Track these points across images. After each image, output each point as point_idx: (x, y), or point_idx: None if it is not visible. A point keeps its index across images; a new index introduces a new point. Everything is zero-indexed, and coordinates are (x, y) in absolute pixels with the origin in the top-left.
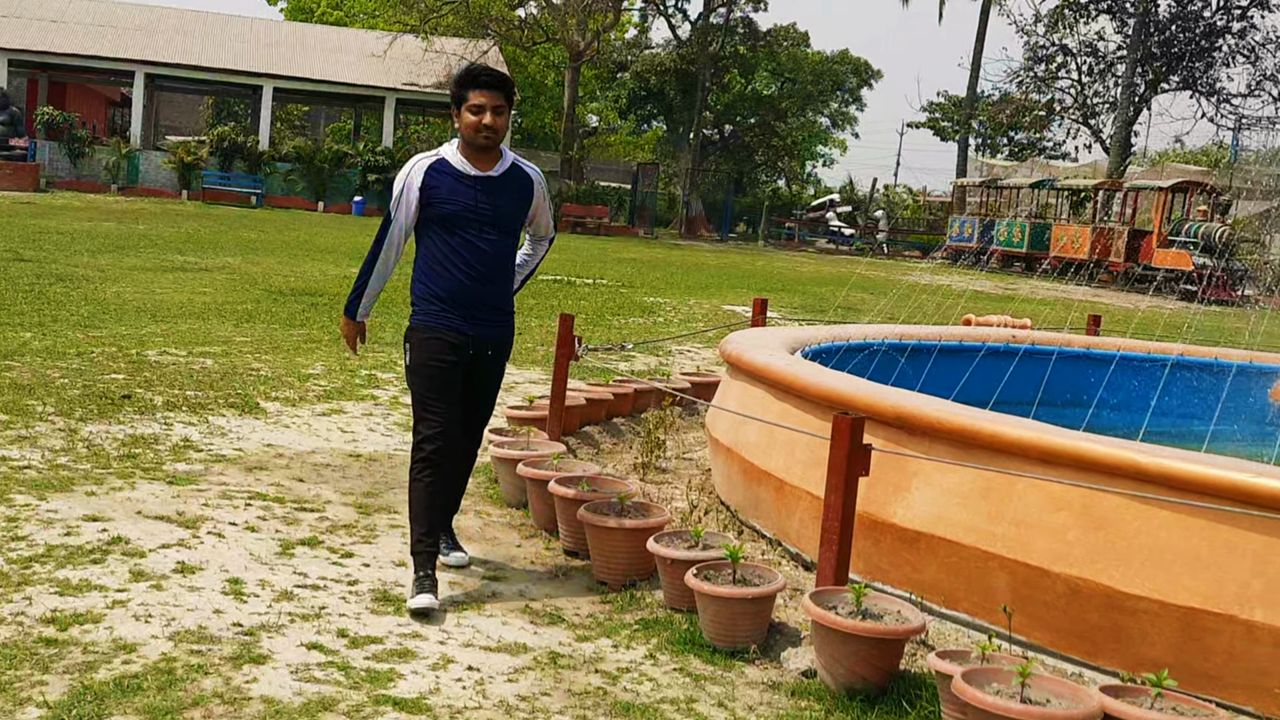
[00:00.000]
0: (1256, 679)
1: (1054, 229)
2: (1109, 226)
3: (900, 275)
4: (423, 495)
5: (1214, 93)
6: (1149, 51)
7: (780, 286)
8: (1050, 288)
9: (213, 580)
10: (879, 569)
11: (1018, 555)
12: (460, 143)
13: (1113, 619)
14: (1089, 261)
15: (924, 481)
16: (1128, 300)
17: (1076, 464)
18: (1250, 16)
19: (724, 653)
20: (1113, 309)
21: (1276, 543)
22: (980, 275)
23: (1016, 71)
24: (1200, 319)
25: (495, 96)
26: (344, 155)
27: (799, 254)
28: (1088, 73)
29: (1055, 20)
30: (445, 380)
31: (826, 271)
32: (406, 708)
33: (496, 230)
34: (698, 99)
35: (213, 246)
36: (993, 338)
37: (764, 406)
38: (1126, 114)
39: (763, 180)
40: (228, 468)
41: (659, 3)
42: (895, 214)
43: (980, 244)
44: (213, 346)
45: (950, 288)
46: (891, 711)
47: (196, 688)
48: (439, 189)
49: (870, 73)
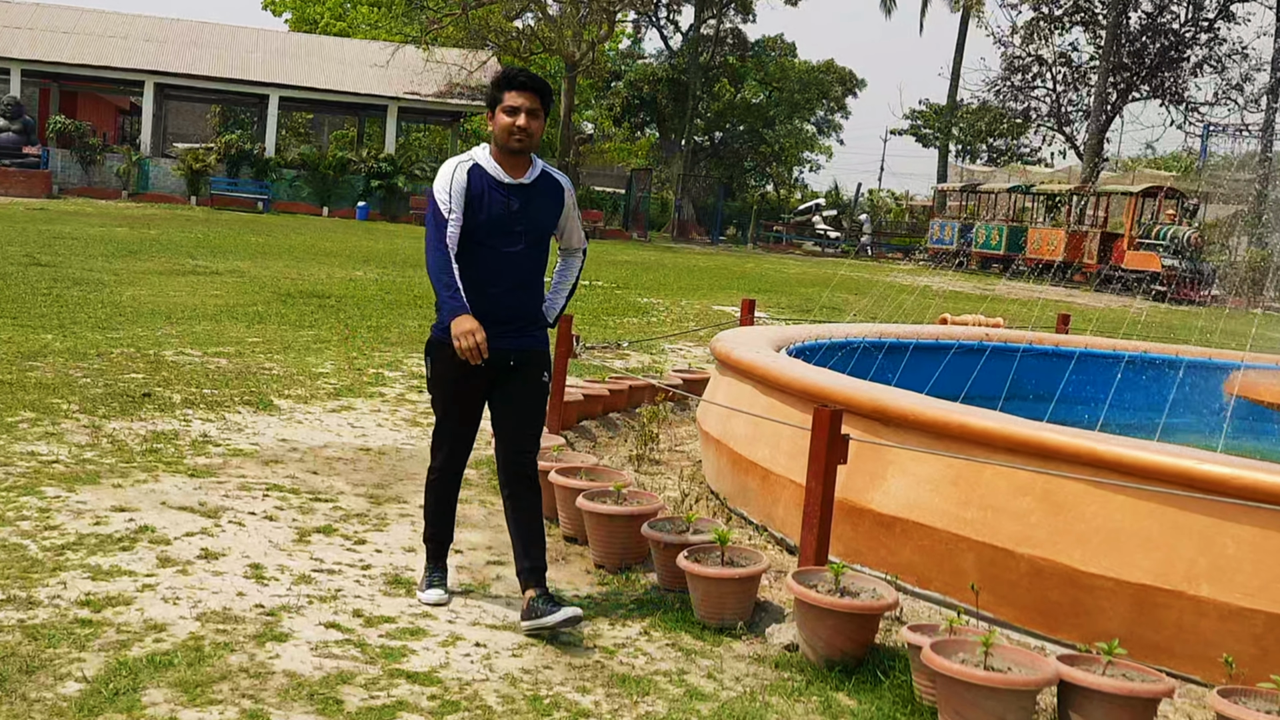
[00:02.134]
0: (1203, 650)
1: (1030, 232)
2: (1082, 230)
3: (882, 277)
4: (431, 501)
5: (1182, 101)
6: (1120, 62)
7: (768, 288)
8: (1026, 288)
9: (235, 565)
10: (858, 552)
11: (985, 538)
12: (492, 147)
13: (1072, 596)
14: (1063, 263)
15: (899, 470)
16: (1099, 300)
17: (1039, 452)
18: (1217, 28)
19: (713, 629)
20: (1085, 308)
21: (1221, 523)
22: (959, 276)
23: (994, 81)
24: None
25: (531, 99)
26: (348, 162)
27: (786, 256)
28: (1062, 82)
29: (1031, 32)
30: (461, 396)
31: (812, 273)
32: (419, 680)
33: (526, 240)
34: (689, 107)
35: (222, 250)
36: (967, 336)
37: (751, 401)
38: (1099, 121)
39: (751, 185)
40: (245, 461)
41: (651, 15)
42: (879, 218)
43: (960, 246)
44: (226, 347)
45: (930, 288)
46: (867, 681)
47: (224, 663)
48: (476, 194)
49: (855, 82)
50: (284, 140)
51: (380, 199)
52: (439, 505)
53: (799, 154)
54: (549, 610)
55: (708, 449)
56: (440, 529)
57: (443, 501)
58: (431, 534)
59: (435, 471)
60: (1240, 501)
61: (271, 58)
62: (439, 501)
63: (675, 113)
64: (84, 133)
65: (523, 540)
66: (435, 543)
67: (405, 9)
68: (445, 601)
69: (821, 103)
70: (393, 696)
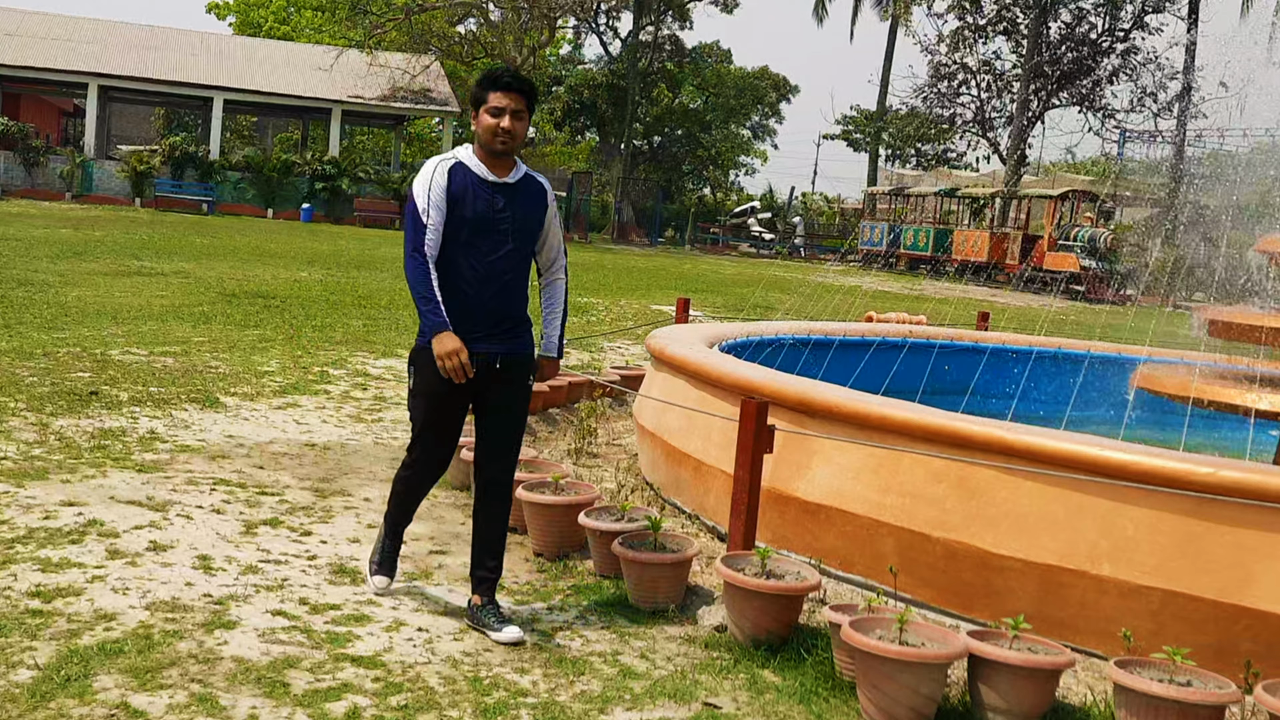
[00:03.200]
0: (1104, 625)
1: (955, 234)
2: (1005, 231)
3: (814, 277)
4: (398, 503)
5: (1100, 108)
6: (1041, 70)
7: (704, 288)
8: (952, 288)
9: (183, 557)
10: (785, 538)
11: (903, 523)
12: (476, 147)
13: (984, 576)
14: (987, 264)
15: (823, 459)
16: (1020, 299)
17: (953, 441)
18: (1132, 38)
19: (646, 612)
20: (1006, 307)
21: (1121, 506)
22: (888, 277)
23: (922, 88)
24: (1083, 316)
25: (517, 100)
26: (292, 164)
27: (723, 258)
28: (986, 89)
29: (956, 41)
30: (447, 407)
31: (747, 274)
32: (364, 664)
33: (513, 240)
34: (628, 112)
35: (168, 252)
36: (891, 333)
37: (684, 395)
38: (1021, 127)
39: (689, 188)
40: (192, 457)
41: (591, 21)
42: (811, 220)
43: (889, 248)
44: (172, 346)
45: (860, 288)
46: (791, 658)
47: (173, 650)
48: (459, 193)
49: (788, 88)
50: (228, 143)
51: (325, 201)
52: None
53: (735, 158)
54: (496, 625)
55: (643, 442)
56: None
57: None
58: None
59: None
60: (1138, 485)
61: (216, 60)
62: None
63: (615, 117)
64: (27, 134)
65: (485, 549)
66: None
67: (349, 14)
68: (388, 589)
69: (756, 108)
70: (338, 679)
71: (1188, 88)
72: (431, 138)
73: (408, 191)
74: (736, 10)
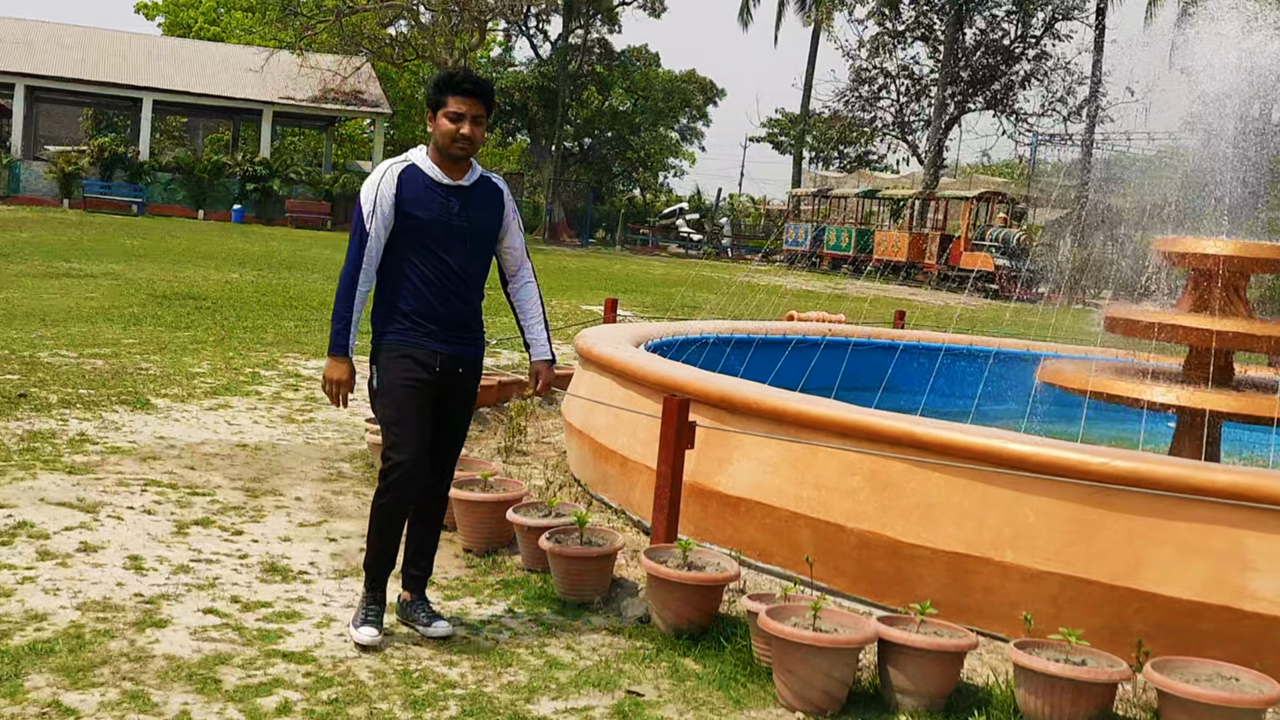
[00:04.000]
0: (1007, 609)
1: (876, 234)
2: (923, 232)
3: (740, 276)
4: (384, 524)
5: (1013, 112)
6: (957, 75)
7: (634, 287)
8: (873, 287)
9: (114, 557)
10: (707, 530)
11: (819, 514)
12: (431, 149)
13: (895, 565)
14: (906, 263)
15: (743, 454)
16: (937, 297)
17: (866, 436)
18: (1043, 45)
19: (573, 605)
20: (924, 305)
21: (1022, 496)
22: (812, 276)
23: (843, 92)
24: (997, 313)
25: (476, 105)
26: (223, 165)
27: (652, 258)
28: (905, 94)
29: (877, 47)
30: (418, 402)
31: (676, 274)
32: (294, 659)
33: (470, 242)
34: (559, 114)
35: (97, 253)
36: (810, 331)
37: (611, 393)
38: (939, 131)
39: (619, 189)
40: (123, 458)
41: (521, 24)
42: (738, 221)
43: (812, 248)
44: (102, 348)
45: (784, 287)
46: (712, 646)
47: (104, 649)
48: (412, 197)
49: (715, 91)
50: (158, 143)
51: (256, 202)
52: (391, 523)
53: (664, 160)
54: (426, 621)
55: (571, 439)
56: (388, 552)
57: (394, 520)
58: (375, 557)
59: (385, 491)
60: (1037, 475)
61: (145, 61)
62: (392, 520)
63: (545, 119)
64: None
65: (417, 550)
66: (379, 568)
67: (279, 15)
68: (377, 643)
69: (684, 111)
70: (269, 675)
71: (1095, 93)
72: (363, 139)
73: (356, 194)
74: (664, 15)
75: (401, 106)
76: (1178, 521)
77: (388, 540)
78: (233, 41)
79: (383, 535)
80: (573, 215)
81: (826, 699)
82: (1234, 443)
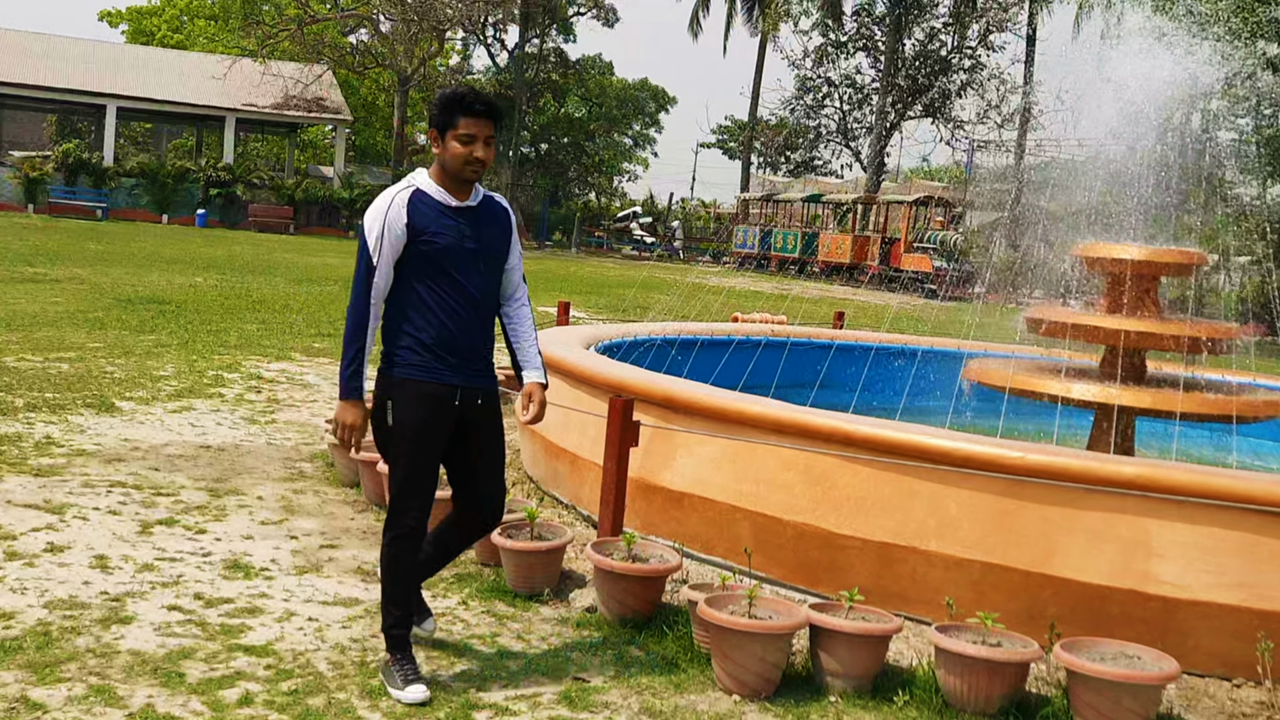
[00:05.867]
0: (932, 595)
1: (821, 237)
2: (866, 235)
3: (690, 278)
4: (400, 574)
5: (950, 120)
6: (897, 84)
7: (588, 289)
8: (818, 288)
9: (80, 557)
10: (652, 524)
11: (758, 508)
12: (436, 172)
13: (829, 555)
14: (850, 265)
15: (686, 451)
16: (879, 298)
17: (801, 433)
18: (978, 55)
19: (523, 597)
20: (866, 305)
21: (945, 488)
22: (761, 277)
23: (789, 100)
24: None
25: (488, 126)
26: (187, 171)
27: (606, 260)
28: (848, 102)
29: (821, 57)
30: (434, 445)
31: (629, 275)
32: (256, 652)
33: (484, 266)
34: (516, 120)
35: (62, 258)
36: (754, 332)
37: (561, 393)
38: (880, 137)
39: (575, 194)
40: (89, 460)
41: (479, 34)
42: (690, 224)
43: (760, 250)
44: (67, 352)
45: (734, 289)
46: (655, 634)
47: (71, 645)
48: (423, 224)
49: (667, 99)
50: (122, 149)
51: (220, 207)
52: (409, 582)
53: (618, 165)
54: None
55: (524, 438)
56: (408, 611)
57: (411, 577)
58: (399, 618)
59: (404, 538)
60: (959, 469)
61: (109, 69)
62: (409, 578)
63: (503, 125)
64: None
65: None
66: (403, 627)
67: (242, 24)
68: (429, 699)
69: (637, 117)
70: (231, 668)
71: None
72: (324, 145)
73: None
74: (617, 25)
75: (362, 113)
76: (1088, 511)
77: (401, 589)
78: (196, 49)
79: (396, 584)
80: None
81: (761, 682)
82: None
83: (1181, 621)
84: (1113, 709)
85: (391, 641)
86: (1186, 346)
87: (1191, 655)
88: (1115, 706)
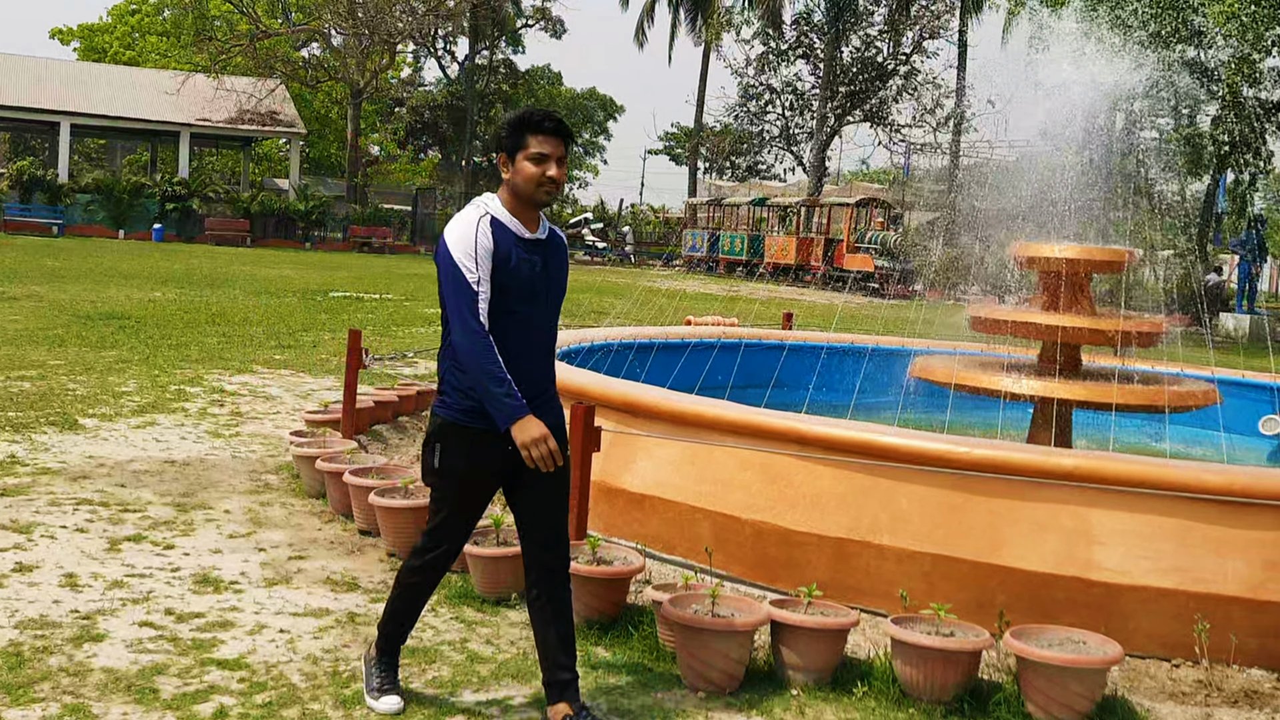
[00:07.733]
0: (886, 588)
1: (767, 239)
2: (809, 237)
3: (643, 281)
4: (408, 598)
5: (887, 124)
6: (836, 90)
7: None
8: (765, 289)
9: (50, 576)
10: (615, 526)
11: (717, 507)
12: (507, 197)
13: (787, 551)
14: (795, 266)
15: (646, 454)
16: (823, 297)
17: (757, 433)
18: (913, 61)
19: (491, 601)
20: (811, 305)
21: (897, 484)
22: (710, 280)
23: (733, 107)
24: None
25: (560, 146)
26: (142, 186)
27: None
28: (790, 108)
29: (762, 64)
30: (481, 493)
31: (583, 280)
32: (229, 666)
33: (550, 301)
34: (468, 130)
35: (18, 276)
36: (706, 335)
37: None
38: (821, 142)
39: None
40: (54, 479)
41: (430, 46)
42: (640, 229)
43: (709, 254)
44: (28, 370)
45: (685, 292)
46: (620, 635)
47: (44, 665)
48: (505, 253)
49: (615, 107)
50: (77, 165)
51: (176, 221)
52: (415, 602)
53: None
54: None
55: None
56: (404, 625)
57: (419, 599)
58: (390, 618)
59: (427, 568)
60: (910, 465)
61: (62, 85)
62: (415, 602)
63: (456, 136)
64: None
65: (557, 645)
66: (398, 638)
67: (193, 39)
68: (401, 710)
69: (587, 126)
70: (205, 682)
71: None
72: (279, 158)
73: (440, 247)
74: (564, 36)
75: (316, 126)
76: (1032, 502)
77: (407, 614)
78: (148, 66)
79: (403, 605)
80: None
81: (725, 678)
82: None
83: (1123, 606)
84: (1061, 693)
85: (379, 642)
86: (1119, 340)
87: (1133, 638)
88: (1063, 690)
